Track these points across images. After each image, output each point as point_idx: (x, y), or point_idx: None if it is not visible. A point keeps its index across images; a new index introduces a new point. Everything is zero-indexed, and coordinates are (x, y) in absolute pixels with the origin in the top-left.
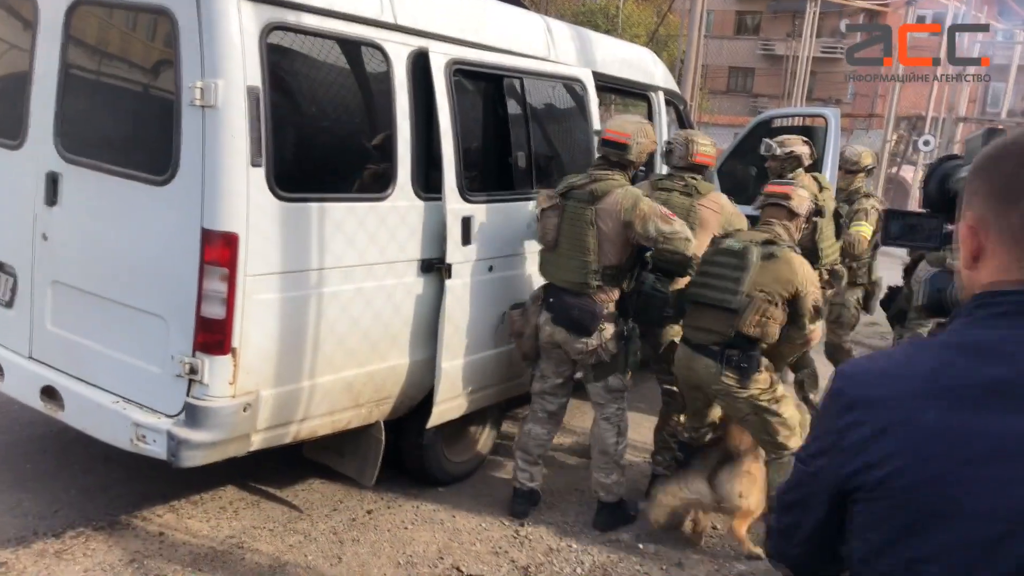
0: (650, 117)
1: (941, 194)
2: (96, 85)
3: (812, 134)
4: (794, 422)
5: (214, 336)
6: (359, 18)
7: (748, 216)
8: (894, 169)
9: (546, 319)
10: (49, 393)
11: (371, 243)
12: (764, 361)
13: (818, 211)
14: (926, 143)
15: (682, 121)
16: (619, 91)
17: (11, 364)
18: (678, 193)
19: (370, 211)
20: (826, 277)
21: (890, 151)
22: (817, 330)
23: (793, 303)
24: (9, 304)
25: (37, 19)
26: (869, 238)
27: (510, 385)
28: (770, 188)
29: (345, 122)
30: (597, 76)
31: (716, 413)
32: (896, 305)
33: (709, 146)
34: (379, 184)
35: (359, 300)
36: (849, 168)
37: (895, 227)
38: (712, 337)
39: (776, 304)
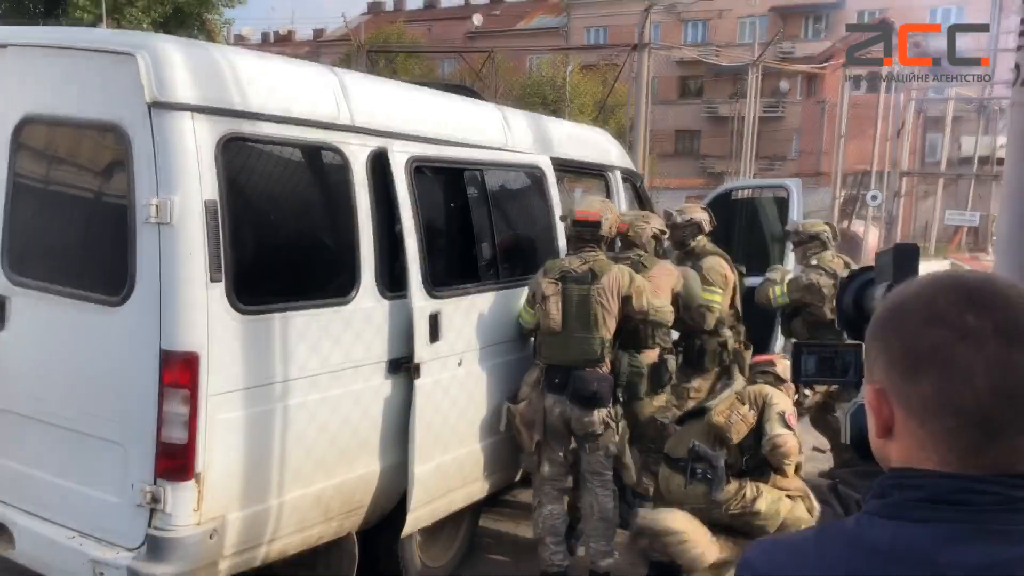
0: (608, 195)
1: (858, 312)
2: (45, 204)
3: (778, 205)
4: (772, 510)
5: (176, 461)
6: (316, 122)
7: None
8: (845, 223)
9: (554, 400)
10: None
11: (336, 348)
12: None
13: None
14: (874, 197)
15: (639, 196)
16: (577, 172)
17: None
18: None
19: (334, 316)
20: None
21: (839, 207)
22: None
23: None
24: None
25: None
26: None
27: (489, 482)
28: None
29: (306, 227)
30: (555, 160)
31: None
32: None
33: (630, 217)
34: (343, 287)
35: (326, 409)
36: (674, 226)
37: (809, 363)
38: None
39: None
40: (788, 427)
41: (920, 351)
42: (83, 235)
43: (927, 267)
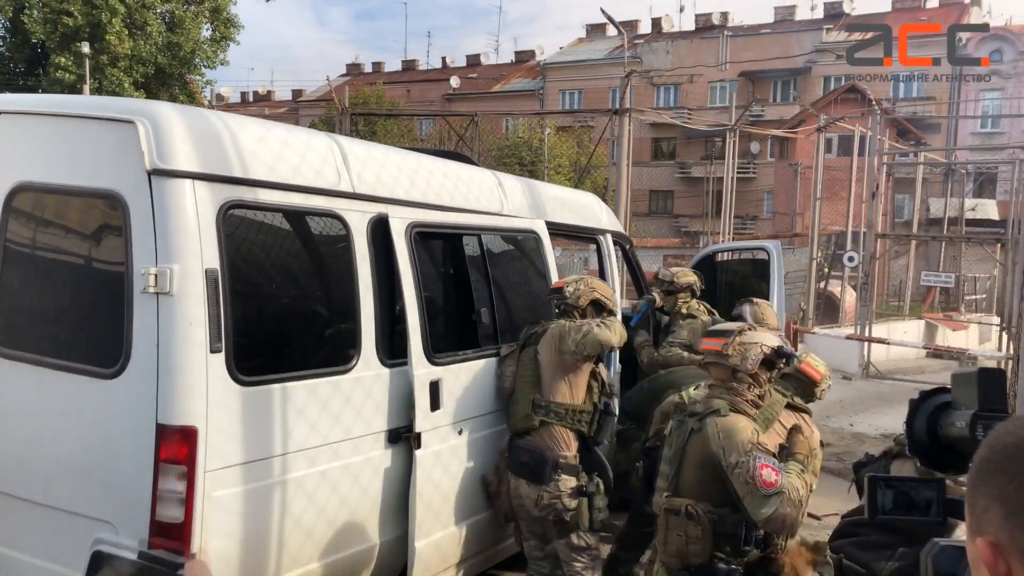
0: (600, 259)
1: (933, 441)
2: (37, 273)
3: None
4: None
5: (171, 541)
6: (318, 190)
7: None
8: (822, 284)
9: (511, 473)
10: None
11: (336, 420)
12: None
13: None
14: (851, 259)
15: (629, 260)
16: (570, 236)
17: None
18: None
19: (334, 386)
20: None
21: (816, 268)
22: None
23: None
24: None
25: None
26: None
27: (491, 554)
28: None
29: (307, 295)
30: (550, 225)
31: None
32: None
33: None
34: (343, 355)
35: (325, 483)
36: (667, 289)
37: (885, 498)
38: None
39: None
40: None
41: None
42: (76, 305)
43: (903, 326)
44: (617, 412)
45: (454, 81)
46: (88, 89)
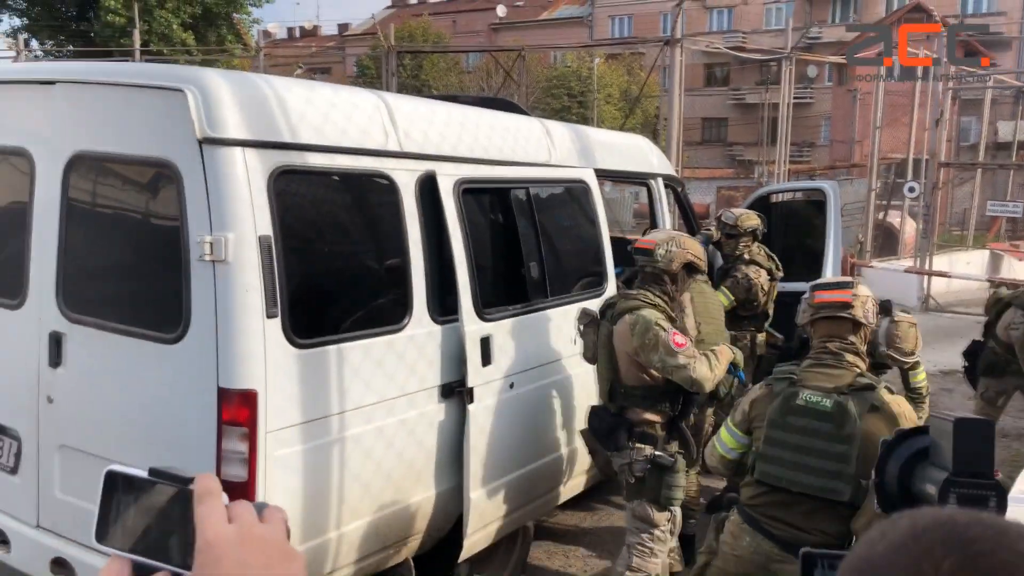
0: (651, 203)
1: (904, 496)
2: (99, 241)
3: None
4: None
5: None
6: (366, 151)
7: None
8: (881, 215)
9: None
10: (60, 564)
11: (390, 378)
12: None
13: None
14: (911, 189)
15: (680, 202)
16: (621, 182)
17: (17, 534)
18: None
19: (388, 345)
20: None
21: (875, 199)
22: None
23: None
24: (14, 470)
25: (34, 174)
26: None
27: (541, 502)
28: (820, 296)
29: (358, 256)
30: (599, 172)
31: None
32: (984, 359)
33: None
34: (395, 314)
35: (382, 439)
36: (728, 232)
37: None
38: (812, 537)
39: None
40: None
41: None
42: (137, 272)
43: (966, 257)
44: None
45: (500, 10)
46: (138, 33)
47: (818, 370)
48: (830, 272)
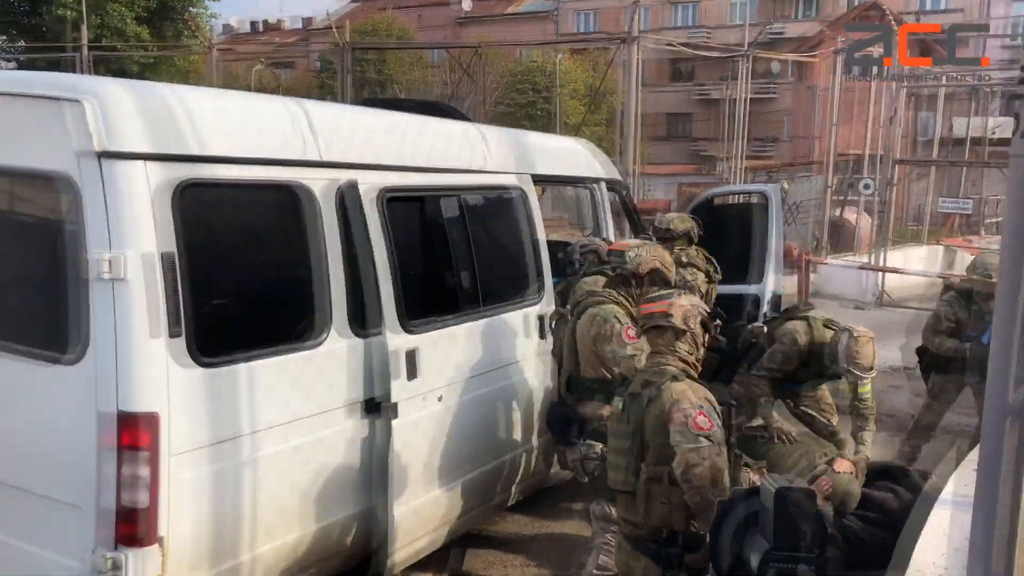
0: (593, 208)
1: (738, 563)
2: None
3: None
4: None
5: (137, 526)
6: (281, 161)
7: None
8: (838, 212)
9: None
10: None
11: (307, 394)
12: None
13: None
14: (866, 186)
15: (626, 205)
16: (563, 186)
17: None
18: None
19: (304, 361)
20: None
21: (832, 195)
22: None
23: None
24: None
25: None
26: None
27: (477, 513)
28: (644, 308)
29: (271, 270)
30: (539, 178)
31: None
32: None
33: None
34: (312, 329)
35: (298, 458)
36: (661, 236)
37: None
38: (645, 533)
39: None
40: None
41: None
42: (34, 291)
43: (921, 252)
44: None
45: (465, 4)
46: (86, 28)
47: (644, 374)
48: (771, 274)
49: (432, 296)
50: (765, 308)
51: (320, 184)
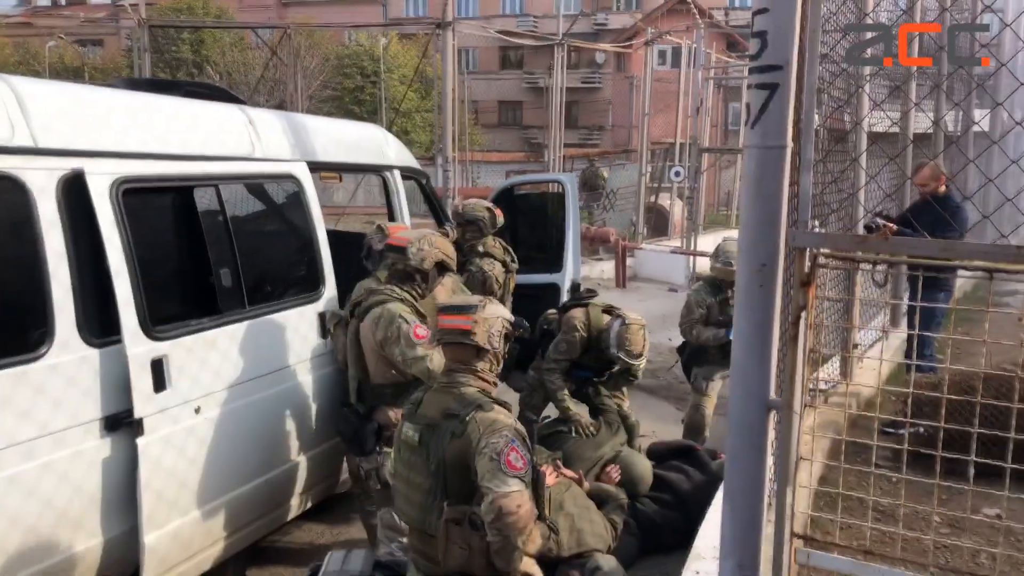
0: (387, 196)
1: None
2: None
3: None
4: None
5: None
6: None
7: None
8: (652, 198)
9: None
10: None
11: (25, 416)
12: None
13: None
14: (677, 173)
15: (427, 195)
16: (351, 174)
17: None
18: None
19: (19, 378)
20: None
21: (647, 183)
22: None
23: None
24: None
25: None
26: None
27: (251, 529)
28: (442, 320)
29: None
30: (320, 165)
31: None
32: (689, 347)
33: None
34: (29, 342)
35: (16, 488)
36: (459, 222)
37: None
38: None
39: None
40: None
41: None
42: None
43: (732, 235)
44: None
45: None
46: None
47: (440, 394)
48: (570, 262)
49: (185, 298)
50: (564, 296)
51: (35, 174)
